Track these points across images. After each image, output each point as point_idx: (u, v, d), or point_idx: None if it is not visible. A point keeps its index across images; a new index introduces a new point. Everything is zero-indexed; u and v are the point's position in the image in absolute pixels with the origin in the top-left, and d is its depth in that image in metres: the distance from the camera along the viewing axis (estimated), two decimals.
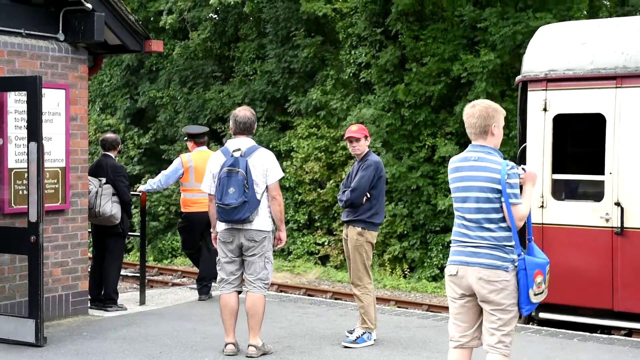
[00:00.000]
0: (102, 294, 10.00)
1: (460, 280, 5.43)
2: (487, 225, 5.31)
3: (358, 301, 8.28)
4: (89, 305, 9.66)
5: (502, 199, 5.26)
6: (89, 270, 9.88)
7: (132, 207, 10.70)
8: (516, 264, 5.29)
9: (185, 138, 10.95)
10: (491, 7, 20.48)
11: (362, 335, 8.23)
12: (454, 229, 5.52)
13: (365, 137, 8.32)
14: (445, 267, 19.38)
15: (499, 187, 5.26)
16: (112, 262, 10.03)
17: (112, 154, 10.10)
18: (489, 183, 5.30)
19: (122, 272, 14.07)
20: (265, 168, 7.57)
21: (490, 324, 5.37)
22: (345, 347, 8.15)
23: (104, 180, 9.79)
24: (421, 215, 21.07)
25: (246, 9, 26.19)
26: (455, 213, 5.49)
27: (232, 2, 24.76)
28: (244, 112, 7.77)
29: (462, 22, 21.45)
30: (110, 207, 9.72)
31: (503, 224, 5.30)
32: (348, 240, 8.32)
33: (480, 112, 5.43)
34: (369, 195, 8.20)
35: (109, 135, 10.34)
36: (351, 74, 23.33)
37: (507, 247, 5.31)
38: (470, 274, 5.35)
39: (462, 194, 5.41)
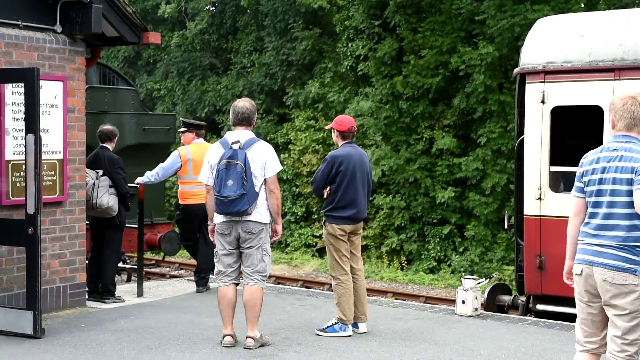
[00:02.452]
0: (100, 285, 10.00)
1: (585, 280, 5.15)
2: (619, 223, 5.04)
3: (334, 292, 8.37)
4: (86, 297, 9.67)
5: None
6: (87, 262, 9.88)
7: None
8: None
9: (183, 129, 10.90)
10: (490, 0, 20.47)
11: (333, 324, 8.27)
12: (582, 227, 5.25)
13: (333, 129, 8.41)
14: (441, 259, 19.21)
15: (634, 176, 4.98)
16: (110, 254, 10.03)
17: (109, 146, 10.08)
18: (627, 174, 5.02)
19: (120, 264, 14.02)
20: (264, 161, 7.55)
21: (613, 330, 5.07)
22: (317, 334, 8.26)
23: (101, 172, 9.78)
24: (419, 207, 21.09)
25: (243, 3, 26.14)
26: (588, 209, 5.21)
27: None
28: (243, 103, 7.76)
29: (460, 14, 21.43)
30: (108, 199, 9.72)
31: (636, 222, 5.01)
32: None
33: None
34: (328, 189, 8.24)
35: (106, 127, 10.31)
36: (348, 67, 23.32)
37: (637, 249, 5.00)
38: (596, 274, 5.08)
39: (595, 188, 5.16)
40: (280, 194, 7.80)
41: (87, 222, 10.02)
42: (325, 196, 8.30)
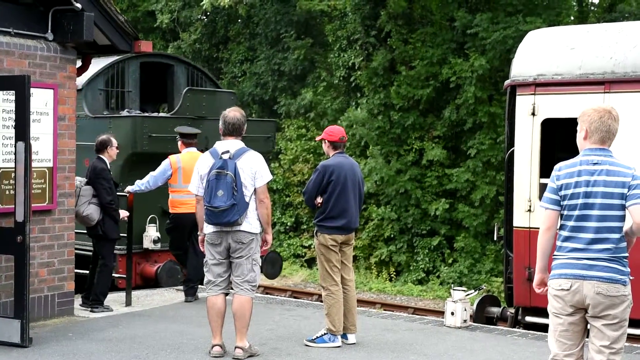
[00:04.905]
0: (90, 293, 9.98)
1: (574, 295, 5.12)
2: (608, 236, 5.07)
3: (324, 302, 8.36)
4: (75, 305, 9.62)
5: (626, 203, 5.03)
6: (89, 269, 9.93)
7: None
8: (632, 278, 5.12)
9: (178, 137, 10.95)
10: (482, 13, 20.53)
11: (322, 335, 8.26)
12: (562, 242, 5.22)
13: (324, 140, 8.41)
14: (430, 270, 18.99)
15: (626, 191, 5.05)
16: (102, 265, 9.95)
17: (104, 156, 10.00)
18: (619, 189, 5.07)
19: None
20: (254, 171, 7.54)
21: (600, 341, 5.10)
22: (305, 345, 8.24)
23: (84, 180, 9.78)
24: (409, 218, 21.11)
25: (241, 11, 26.12)
26: (568, 223, 5.19)
27: (224, 5, 24.73)
28: (233, 113, 7.73)
29: (452, 27, 21.50)
30: (85, 208, 9.65)
31: (622, 234, 5.11)
32: None
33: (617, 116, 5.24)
34: (319, 199, 8.25)
35: (100, 137, 10.29)
36: (341, 77, 23.37)
37: (624, 260, 5.10)
38: (587, 288, 5.07)
39: (581, 201, 5.13)
40: (271, 204, 7.78)
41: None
42: (317, 206, 8.30)
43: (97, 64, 13.82)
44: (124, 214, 10.12)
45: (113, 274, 10.83)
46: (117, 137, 11.38)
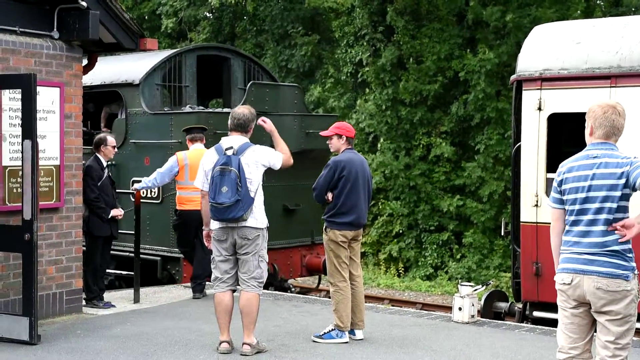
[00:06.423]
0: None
1: (575, 289, 5.12)
2: (607, 229, 5.04)
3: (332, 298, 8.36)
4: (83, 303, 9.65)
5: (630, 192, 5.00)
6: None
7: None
8: (637, 272, 5.06)
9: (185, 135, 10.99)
10: (492, 6, 20.51)
11: (330, 331, 8.26)
12: (564, 235, 5.21)
13: (339, 135, 8.35)
14: (438, 266, 18.99)
15: (624, 181, 5.02)
16: (85, 261, 9.94)
17: (99, 155, 10.03)
18: (616, 180, 5.05)
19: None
20: (264, 161, 7.57)
21: (605, 336, 5.07)
22: (313, 341, 8.25)
23: None
24: (419, 214, 21.11)
25: (249, 8, 26.12)
26: (570, 217, 5.18)
27: (232, 1, 24.72)
28: (241, 109, 7.76)
29: (460, 21, 21.50)
30: None
31: None
32: None
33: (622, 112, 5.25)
34: (329, 196, 8.24)
35: (98, 135, 10.35)
36: (348, 73, 23.37)
37: (628, 255, 5.05)
38: (587, 283, 5.06)
39: (582, 195, 5.13)
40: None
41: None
42: (327, 202, 8.29)
43: (153, 58, 13.43)
44: (117, 212, 10.07)
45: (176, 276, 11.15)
46: (180, 134, 11.24)
